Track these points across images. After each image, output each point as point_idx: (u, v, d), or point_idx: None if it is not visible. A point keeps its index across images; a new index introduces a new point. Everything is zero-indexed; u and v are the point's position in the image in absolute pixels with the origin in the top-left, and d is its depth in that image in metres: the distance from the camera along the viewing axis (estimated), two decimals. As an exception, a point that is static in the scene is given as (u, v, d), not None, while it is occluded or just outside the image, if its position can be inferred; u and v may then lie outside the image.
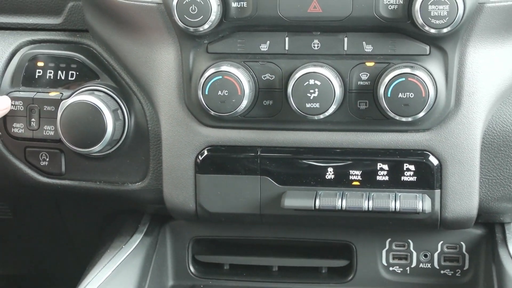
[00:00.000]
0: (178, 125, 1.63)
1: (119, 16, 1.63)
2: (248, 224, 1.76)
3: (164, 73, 1.63)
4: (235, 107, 1.55)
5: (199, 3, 1.51)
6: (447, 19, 1.46)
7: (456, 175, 1.58)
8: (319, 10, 1.52)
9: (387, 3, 1.50)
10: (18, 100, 1.69)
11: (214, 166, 1.64)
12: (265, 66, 1.58)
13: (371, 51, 1.55)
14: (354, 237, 1.80)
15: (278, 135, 1.62)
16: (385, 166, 1.59)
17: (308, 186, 1.62)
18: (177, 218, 1.74)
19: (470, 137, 1.57)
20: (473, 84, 1.55)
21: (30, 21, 1.79)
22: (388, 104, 1.51)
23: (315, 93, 1.52)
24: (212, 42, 1.58)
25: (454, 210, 1.59)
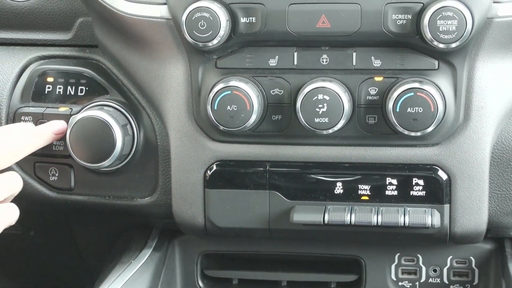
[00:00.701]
0: (187, 140, 1.64)
1: (129, 32, 1.64)
2: (257, 238, 1.76)
3: (173, 88, 1.63)
4: (244, 122, 1.55)
5: (208, 18, 1.52)
6: (455, 34, 1.46)
7: (465, 189, 1.58)
8: (327, 25, 1.53)
9: (395, 18, 1.51)
10: (27, 115, 1.70)
11: (223, 181, 1.64)
12: (274, 81, 1.58)
13: (380, 66, 1.55)
14: (363, 252, 1.79)
15: (287, 150, 1.62)
16: (394, 181, 1.59)
17: (317, 200, 1.62)
18: (186, 232, 1.74)
19: (479, 152, 1.56)
20: (482, 98, 1.55)
21: (40, 36, 1.80)
22: (397, 118, 1.51)
23: (324, 108, 1.52)
24: (221, 57, 1.59)
25: (464, 225, 1.59)
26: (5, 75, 1.74)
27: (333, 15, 1.52)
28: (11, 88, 1.73)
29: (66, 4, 1.77)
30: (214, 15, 1.52)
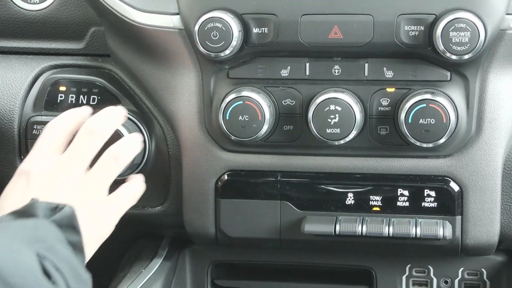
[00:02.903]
0: (198, 150, 1.64)
1: (141, 41, 1.64)
2: (267, 249, 1.76)
3: (185, 97, 1.64)
4: (256, 132, 1.55)
5: (221, 29, 1.52)
6: (468, 45, 1.46)
7: (477, 201, 1.57)
8: (340, 36, 1.53)
9: (408, 29, 1.51)
10: (40, 124, 1.70)
11: (234, 191, 1.64)
12: (286, 91, 1.58)
13: (392, 77, 1.55)
14: (374, 263, 1.79)
15: (298, 160, 1.62)
16: (405, 192, 1.59)
17: (328, 211, 1.61)
18: (197, 242, 1.74)
19: (491, 164, 1.56)
20: (495, 110, 1.55)
21: (53, 46, 1.81)
22: (409, 130, 1.50)
23: (336, 118, 1.52)
24: (233, 67, 1.59)
25: (475, 237, 1.59)
26: (18, 84, 1.74)
27: (345, 26, 1.52)
28: (23, 97, 1.74)
29: (79, 13, 1.78)
30: (226, 25, 1.52)
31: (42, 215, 1.30)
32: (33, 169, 1.43)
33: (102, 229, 1.45)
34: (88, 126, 1.48)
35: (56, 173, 1.42)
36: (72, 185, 1.42)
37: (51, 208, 1.32)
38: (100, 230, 1.45)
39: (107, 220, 1.46)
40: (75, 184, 1.42)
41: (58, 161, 1.44)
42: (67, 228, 1.31)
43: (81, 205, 1.39)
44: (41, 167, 1.43)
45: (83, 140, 1.47)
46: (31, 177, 1.42)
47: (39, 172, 1.42)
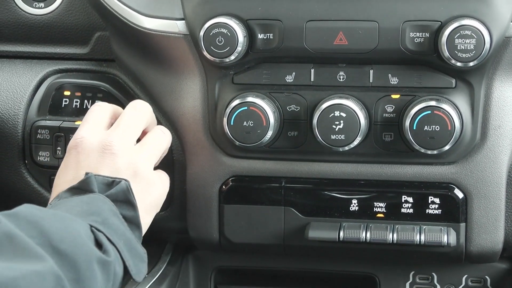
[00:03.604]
0: (202, 155, 1.64)
1: (146, 46, 1.64)
2: (271, 254, 1.76)
3: (189, 103, 1.64)
4: (260, 138, 1.55)
5: (226, 34, 1.52)
6: (473, 52, 1.46)
7: (482, 208, 1.57)
8: (345, 42, 1.53)
9: (413, 36, 1.51)
10: (44, 129, 1.71)
11: (238, 196, 1.64)
12: (290, 97, 1.58)
13: (397, 83, 1.55)
14: (377, 269, 1.79)
15: (302, 166, 1.62)
16: (410, 199, 1.59)
17: (332, 217, 1.61)
18: (201, 248, 1.74)
19: (496, 171, 1.56)
20: (499, 117, 1.55)
21: (58, 50, 1.81)
22: (413, 136, 1.50)
23: (340, 124, 1.52)
24: (238, 73, 1.59)
25: (479, 244, 1.58)
26: (23, 88, 1.75)
27: (350, 32, 1.52)
28: (28, 101, 1.74)
29: (84, 18, 1.78)
30: (231, 31, 1.52)
31: (97, 190, 1.32)
32: (82, 143, 1.44)
33: (157, 198, 1.48)
34: (132, 104, 1.52)
35: (105, 147, 1.43)
36: (122, 158, 1.42)
37: (107, 182, 1.35)
38: (155, 199, 1.48)
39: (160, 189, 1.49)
40: (124, 157, 1.43)
41: (106, 134, 1.46)
42: (122, 203, 1.33)
43: (134, 179, 1.41)
44: (89, 141, 1.44)
45: (129, 115, 1.50)
46: (80, 151, 1.43)
47: (88, 147, 1.43)
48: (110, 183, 1.35)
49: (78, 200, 1.30)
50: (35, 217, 1.18)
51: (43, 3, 1.80)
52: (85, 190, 1.33)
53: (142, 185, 1.43)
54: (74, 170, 1.42)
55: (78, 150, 1.44)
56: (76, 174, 1.40)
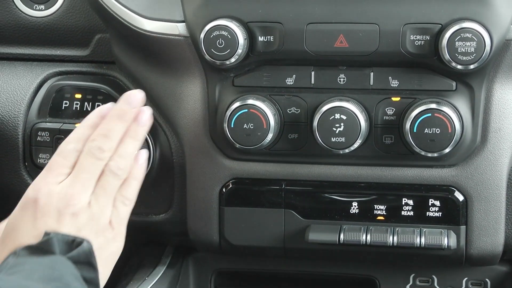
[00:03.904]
0: (203, 158, 1.64)
1: (146, 49, 1.64)
2: (271, 257, 1.76)
3: (190, 105, 1.64)
4: (261, 140, 1.55)
5: (226, 37, 1.52)
6: (474, 55, 1.46)
7: (482, 211, 1.57)
8: (345, 44, 1.53)
9: (413, 39, 1.51)
10: (44, 131, 1.71)
11: (238, 199, 1.64)
12: (291, 99, 1.58)
13: (397, 86, 1.55)
14: (377, 272, 1.79)
15: (303, 169, 1.62)
16: (410, 201, 1.59)
17: (332, 220, 1.61)
18: (201, 250, 1.74)
19: (496, 174, 1.56)
20: (500, 120, 1.55)
21: (58, 52, 1.81)
22: (414, 139, 1.50)
23: (341, 127, 1.52)
24: (238, 75, 1.59)
25: (480, 247, 1.58)
26: (23, 91, 1.75)
27: (351, 35, 1.52)
28: (28, 104, 1.74)
29: (84, 20, 1.79)
30: (232, 33, 1.52)
31: (58, 251, 1.29)
32: (40, 196, 1.38)
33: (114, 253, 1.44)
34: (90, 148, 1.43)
35: (64, 200, 1.38)
36: (81, 211, 1.38)
37: (68, 242, 1.31)
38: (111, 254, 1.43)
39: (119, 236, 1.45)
40: (83, 209, 1.39)
41: (64, 186, 1.40)
42: (84, 265, 1.30)
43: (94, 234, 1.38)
44: (48, 198, 1.38)
45: (86, 161, 1.42)
46: (38, 208, 1.38)
47: (46, 204, 1.38)
48: (71, 242, 1.31)
49: (38, 263, 1.26)
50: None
51: (44, 5, 1.80)
52: (46, 251, 1.28)
53: (101, 241, 1.39)
54: (31, 225, 1.36)
55: (36, 206, 1.38)
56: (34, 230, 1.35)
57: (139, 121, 1.49)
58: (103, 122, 1.47)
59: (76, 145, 1.44)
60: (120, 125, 1.46)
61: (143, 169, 1.52)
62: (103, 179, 1.42)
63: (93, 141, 1.43)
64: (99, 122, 1.47)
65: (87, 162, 1.42)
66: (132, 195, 1.48)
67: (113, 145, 1.44)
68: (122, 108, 1.48)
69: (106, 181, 1.42)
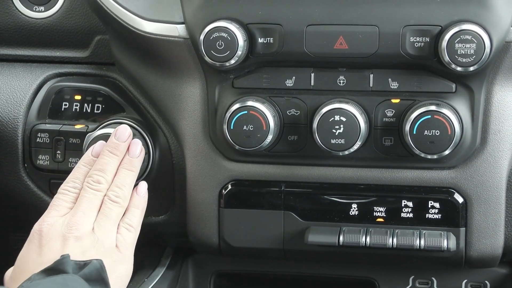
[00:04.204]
0: (202, 159, 1.64)
1: (146, 50, 1.64)
2: (271, 259, 1.76)
3: (189, 107, 1.64)
4: (260, 142, 1.55)
5: (226, 38, 1.52)
6: (473, 57, 1.46)
7: (482, 213, 1.57)
8: (345, 46, 1.53)
9: (413, 41, 1.51)
10: (44, 132, 1.71)
11: (238, 201, 1.64)
12: (291, 101, 1.58)
13: (397, 88, 1.55)
14: (377, 274, 1.79)
15: (302, 171, 1.62)
16: (409, 203, 1.59)
17: (332, 222, 1.61)
18: (200, 251, 1.74)
19: (496, 176, 1.56)
20: (499, 122, 1.55)
21: (58, 54, 1.81)
22: (413, 141, 1.50)
23: (340, 129, 1.52)
24: (238, 77, 1.59)
25: (479, 249, 1.58)
26: (23, 92, 1.75)
27: (351, 37, 1.52)
28: (28, 105, 1.74)
29: (84, 22, 1.79)
30: (232, 35, 1.52)
31: (71, 271, 1.32)
32: (44, 227, 1.44)
33: (125, 269, 1.47)
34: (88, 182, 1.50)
35: (67, 226, 1.43)
36: (84, 235, 1.43)
37: (80, 266, 1.35)
38: (124, 270, 1.47)
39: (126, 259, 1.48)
40: (87, 234, 1.43)
41: (67, 216, 1.46)
42: (96, 282, 1.33)
43: (98, 252, 1.42)
44: (51, 224, 1.44)
45: (86, 193, 1.49)
46: (43, 233, 1.43)
47: (50, 229, 1.43)
48: (82, 266, 1.35)
49: (52, 281, 1.30)
50: None
51: (43, 7, 1.80)
52: (59, 271, 1.32)
53: (109, 262, 1.41)
54: (38, 254, 1.41)
55: (41, 235, 1.43)
56: (41, 258, 1.40)
57: (131, 153, 1.56)
58: (98, 159, 1.54)
59: (75, 183, 1.51)
60: (114, 159, 1.54)
61: (145, 199, 1.57)
62: (104, 208, 1.49)
63: (90, 177, 1.51)
64: (94, 160, 1.54)
65: (87, 195, 1.48)
66: (136, 223, 1.53)
67: (109, 178, 1.52)
68: (114, 142, 1.55)
69: (107, 208, 1.49)
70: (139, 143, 1.58)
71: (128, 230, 1.50)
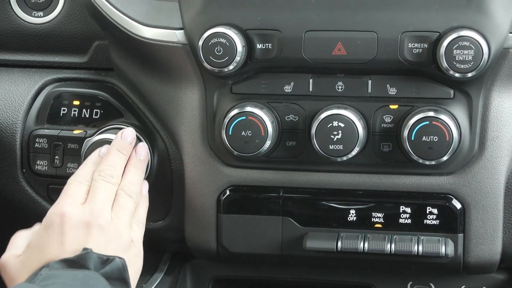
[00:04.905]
0: (201, 165, 1.64)
1: (145, 55, 1.65)
2: (269, 264, 1.76)
3: (188, 112, 1.64)
4: (259, 148, 1.55)
5: (225, 44, 1.52)
6: (472, 63, 1.46)
7: (480, 219, 1.57)
8: (343, 52, 1.53)
9: (411, 47, 1.51)
10: (42, 138, 1.71)
11: (236, 206, 1.64)
12: (289, 107, 1.58)
13: (395, 94, 1.55)
14: (375, 280, 1.79)
15: (300, 176, 1.62)
16: (407, 209, 1.59)
17: (330, 227, 1.61)
18: (198, 257, 1.74)
19: (494, 182, 1.56)
20: (497, 128, 1.55)
21: (56, 59, 1.81)
22: (411, 147, 1.50)
23: (339, 135, 1.52)
24: (236, 82, 1.59)
25: (477, 255, 1.58)
26: (21, 97, 1.75)
27: (349, 43, 1.52)
28: (26, 110, 1.74)
29: (83, 27, 1.79)
30: (230, 41, 1.52)
31: (93, 267, 1.31)
32: (66, 212, 1.41)
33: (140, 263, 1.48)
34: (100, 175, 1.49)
35: (90, 214, 1.42)
36: (107, 225, 1.42)
37: (102, 261, 1.33)
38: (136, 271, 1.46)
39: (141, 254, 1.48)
40: (109, 223, 1.42)
41: (86, 204, 1.44)
42: (116, 281, 1.32)
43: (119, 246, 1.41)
44: (72, 210, 1.42)
45: (100, 184, 1.48)
46: (66, 220, 1.40)
47: (73, 215, 1.41)
48: (104, 261, 1.34)
49: (72, 277, 1.28)
50: None
51: (42, 12, 1.80)
52: (81, 266, 1.31)
53: (129, 257, 1.41)
54: (59, 241, 1.39)
55: (63, 221, 1.40)
56: (62, 245, 1.38)
57: (139, 154, 1.58)
58: (105, 155, 1.54)
59: (85, 176, 1.50)
60: (122, 157, 1.54)
61: (147, 198, 1.58)
62: (120, 200, 1.48)
63: (102, 170, 1.50)
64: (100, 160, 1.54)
65: (101, 185, 1.47)
66: (144, 220, 1.54)
67: (119, 173, 1.52)
68: (121, 142, 1.56)
69: (122, 202, 1.48)
70: (146, 146, 1.60)
71: (139, 226, 1.50)
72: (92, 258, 1.32)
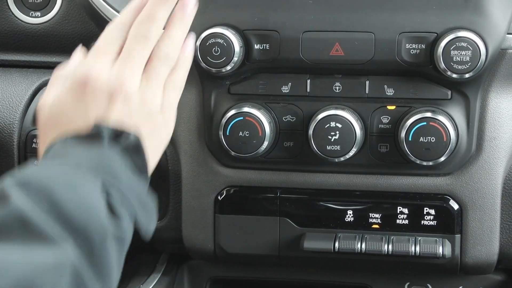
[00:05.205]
0: (198, 165, 1.64)
1: (142, 56, 1.64)
2: (266, 265, 1.76)
3: (185, 113, 1.64)
4: (256, 148, 1.55)
5: (222, 44, 1.52)
6: (469, 64, 1.46)
7: (477, 220, 1.57)
8: (341, 53, 1.53)
9: (409, 48, 1.51)
10: (40, 138, 1.70)
11: (233, 207, 1.64)
12: (286, 107, 1.58)
13: (393, 94, 1.55)
14: (372, 280, 1.79)
15: (298, 177, 1.62)
16: (405, 210, 1.59)
17: (327, 228, 1.61)
18: (196, 258, 1.74)
19: (491, 183, 1.56)
20: (495, 129, 1.55)
21: (54, 59, 1.81)
22: (409, 148, 1.51)
23: (336, 135, 1.52)
24: (234, 83, 1.59)
25: (474, 256, 1.58)
26: (18, 97, 1.75)
27: (346, 44, 1.52)
28: (23, 111, 1.74)
29: (81, 27, 1.79)
30: (228, 41, 1.52)
31: (107, 142, 1.22)
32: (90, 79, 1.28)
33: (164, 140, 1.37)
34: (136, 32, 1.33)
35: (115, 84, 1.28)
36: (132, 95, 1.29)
37: (117, 133, 1.24)
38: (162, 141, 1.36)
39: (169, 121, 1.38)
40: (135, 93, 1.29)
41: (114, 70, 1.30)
42: (133, 155, 1.23)
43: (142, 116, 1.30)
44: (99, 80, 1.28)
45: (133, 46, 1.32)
46: (89, 88, 1.27)
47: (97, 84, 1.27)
48: (120, 133, 1.24)
49: (85, 154, 1.19)
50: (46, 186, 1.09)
51: (40, 12, 1.80)
52: (94, 142, 1.21)
53: (151, 127, 1.31)
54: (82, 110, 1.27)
55: (86, 89, 1.27)
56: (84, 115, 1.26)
57: (185, 6, 1.38)
58: (146, 5, 1.36)
59: (120, 31, 1.35)
60: (164, 8, 1.36)
61: (191, 57, 1.41)
62: (151, 65, 1.34)
63: (138, 26, 1.34)
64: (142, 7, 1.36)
65: (134, 47, 1.33)
66: (181, 82, 1.39)
67: (159, 29, 1.35)
68: None
69: (155, 67, 1.34)
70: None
71: (174, 90, 1.37)
72: (106, 132, 1.23)
